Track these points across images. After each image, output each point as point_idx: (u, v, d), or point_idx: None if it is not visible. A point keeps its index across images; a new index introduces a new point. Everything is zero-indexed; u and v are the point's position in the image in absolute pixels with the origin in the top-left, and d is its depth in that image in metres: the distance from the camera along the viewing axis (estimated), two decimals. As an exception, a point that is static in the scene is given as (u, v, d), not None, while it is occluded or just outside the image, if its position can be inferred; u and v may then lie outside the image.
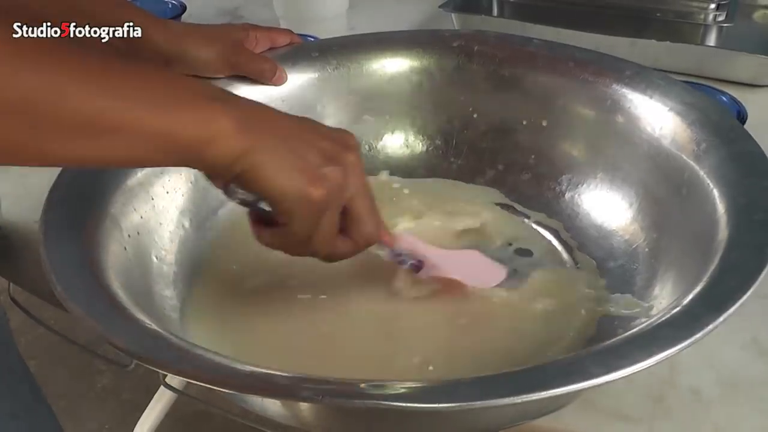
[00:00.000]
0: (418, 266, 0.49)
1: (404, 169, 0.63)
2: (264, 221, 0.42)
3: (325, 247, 0.42)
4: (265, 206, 0.41)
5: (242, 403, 0.41)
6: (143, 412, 0.89)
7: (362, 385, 0.33)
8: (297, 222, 0.40)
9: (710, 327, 0.35)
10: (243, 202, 0.41)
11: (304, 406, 0.38)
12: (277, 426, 0.42)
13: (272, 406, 0.39)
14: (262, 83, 0.60)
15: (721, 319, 0.35)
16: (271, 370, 0.35)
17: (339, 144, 0.42)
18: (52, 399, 0.67)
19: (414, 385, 0.34)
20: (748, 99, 0.64)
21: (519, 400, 0.32)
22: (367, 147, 0.64)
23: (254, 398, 0.40)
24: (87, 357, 1.32)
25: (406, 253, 0.49)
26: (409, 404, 0.32)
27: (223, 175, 0.39)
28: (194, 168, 0.40)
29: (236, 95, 0.41)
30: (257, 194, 0.40)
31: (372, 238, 0.44)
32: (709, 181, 0.46)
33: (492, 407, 0.32)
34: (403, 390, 0.33)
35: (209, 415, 1.22)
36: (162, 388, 0.87)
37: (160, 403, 0.88)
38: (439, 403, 0.32)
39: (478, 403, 0.32)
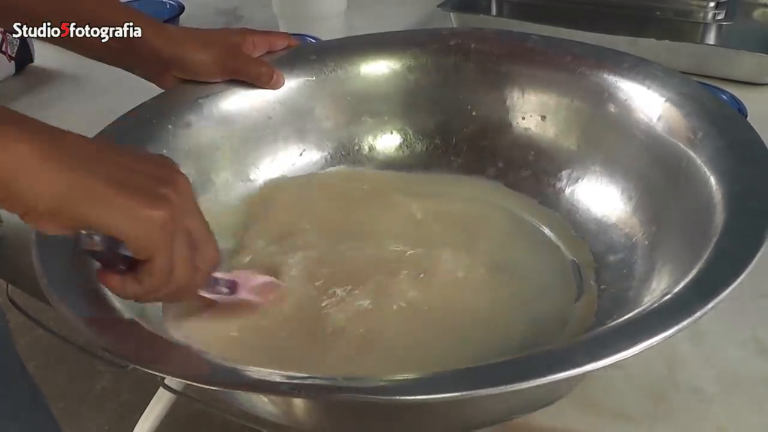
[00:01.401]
0: (232, 290, 0.47)
1: (404, 169, 0.63)
2: (114, 268, 0.38)
3: (186, 274, 0.39)
4: (124, 250, 0.37)
5: (237, 403, 0.41)
6: (142, 413, 0.89)
7: (340, 379, 0.33)
8: (159, 254, 0.36)
9: (698, 314, 0.34)
10: (95, 252, 0.36)
11: (291, 403, 0.38)
12: (275, 426, 0.42)
13: (261, 404, 0.39)
14: (260, 87, 0.60)
15: (710, 305, 0.35)
16: (254, 367, 0.35)
17: (161, 166, 0.39)
18: (52, 400, 0.67)
19: (392, 378, 0.33)
20: (747, 97, 0.64)
21: (497, 391, 0.31)
22: (367, 148, 0.64)
23: (244, 397, 0.40)
24: (86, 358, 1.31)
25: (221, 278, 0.46)
26: (385, 397, 0.32)
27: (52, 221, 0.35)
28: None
29: (25, 117, 0.35)
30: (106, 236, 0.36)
31: (215, 260, 0.41)
32: (706, 170, 0.46)
33: (471, 398, 0.32)
34: (381, 383, 0.33)
35: (208, 416, 1.22)
36: (161, 389, 0.86)
37: (159, 405, 0.88)
38: (417, 395, 0.31)
39: (458, 394, 0.31)
